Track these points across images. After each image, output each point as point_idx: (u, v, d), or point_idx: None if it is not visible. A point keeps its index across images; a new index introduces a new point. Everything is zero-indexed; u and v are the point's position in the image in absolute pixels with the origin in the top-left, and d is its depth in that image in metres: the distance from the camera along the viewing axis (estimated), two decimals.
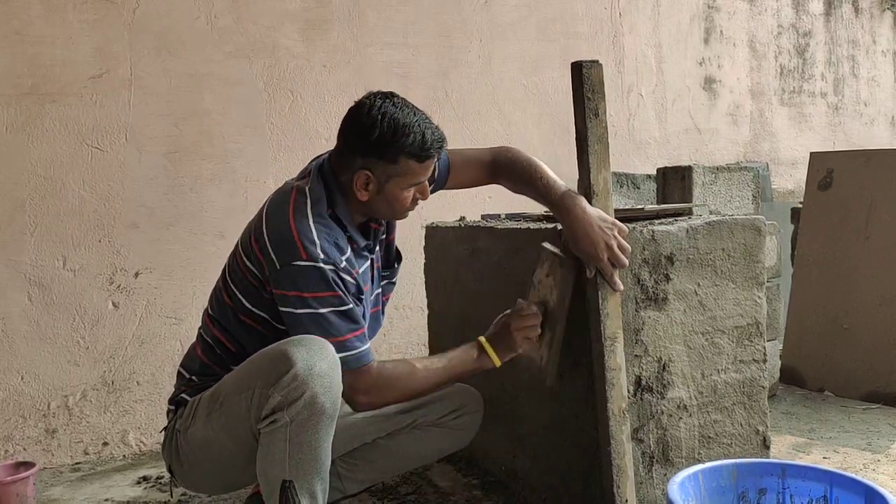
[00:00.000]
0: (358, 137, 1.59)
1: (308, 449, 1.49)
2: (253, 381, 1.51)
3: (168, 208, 2.80)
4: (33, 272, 2.61)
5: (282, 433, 1.47)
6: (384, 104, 1.60)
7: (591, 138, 1.67)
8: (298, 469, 1.49)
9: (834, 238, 3.15)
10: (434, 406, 1.90)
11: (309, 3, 3.06)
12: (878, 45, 5.12)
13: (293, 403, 1.45)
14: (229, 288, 1.69)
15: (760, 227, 1.91)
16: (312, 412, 1.46)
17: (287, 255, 1.54)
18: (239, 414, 1.54)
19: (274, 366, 1.48)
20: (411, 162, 1.59)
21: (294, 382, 1.45)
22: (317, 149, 3.02)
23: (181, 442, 1.67)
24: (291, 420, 1.46)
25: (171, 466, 1.73)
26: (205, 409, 1.62)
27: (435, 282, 2.52)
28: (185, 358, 1.79)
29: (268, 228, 1.59)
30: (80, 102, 2.67)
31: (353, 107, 1.63)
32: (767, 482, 1.56)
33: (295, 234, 1.55)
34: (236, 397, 1.54)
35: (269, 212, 1.64)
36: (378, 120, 1.57)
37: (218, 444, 1.61)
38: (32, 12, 2.59)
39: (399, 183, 1.61)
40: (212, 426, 1.59)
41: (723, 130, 4.41)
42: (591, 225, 1.60)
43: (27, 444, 2.62)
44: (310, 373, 1.45)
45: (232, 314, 1.68)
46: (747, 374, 1.92)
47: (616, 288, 1.64)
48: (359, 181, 1.60)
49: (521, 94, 3.58)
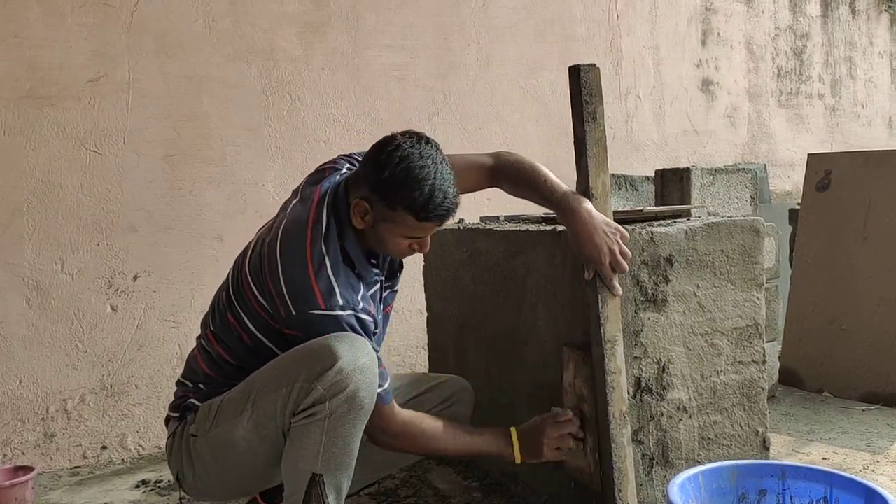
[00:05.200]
0: (370, 169, 1.56)
1: (342, 443, 1.49)
2: (293, 375, 1.50)
3: (166, 211, 2.80)
4: (31, 276, 2.61)
5: (319, 426, 1.48)
6: (410, 150, 1.53)
7: (589, 142, 1.67)
8: (330, 463, 1.49)
9: (832, 239, 3.15)
10: (426, 397, 1.90)
11: (307, 6, 3.07)
12: (876, 47, 5.14)
13: (335, 396, 1.46)
14: (235, 310, 1.65)
15: (759, 228, 1.92)
16: (352, 406, 1.47)
17: (303, 304, 1.51)
18: (273, 411, 1.52)
19: (318, 359, 1.47)
20: (408, 216, 1.54)
21: (339, 376, 1.45)
22: (315, 151, 3.04)
23: (197, 445, 1.63)
24: (331, 413, 1.46)
25: (180, 474, 1.68)
26: (233, 408, 1.58)
27: (434, 284, 2.52)
28: (186, 369, 1.75)
29: (283, 269, 1.54)
30: (79, 105, 2.67)
31: (386, 138, 1.59)
32: (767, 483, 1.56)
33: (314, 283, 1.52)
34: (272, 393, 1.52)
35: (284, 246, 1.57)
36: (395, 162, 1.52)
37: (244, 444, 1.57)
38: (31, 15, 2.59)
39: (392, 230, 1.58)
40: (241, 424, 1.56)
41: (720, 132, 4.42)
42: (596, 228, 1.60)
43: (26, 448, 2.61)
44: (354, 367, 1.46)
45: (237, 335, 1.65)
46: (746, 376, 1.92)
47: (615, 292, 1.64)
48: (357, 208, 1.58)
49: (519, 97, 3.58)
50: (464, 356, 2.35)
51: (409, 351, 3.26)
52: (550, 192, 1.68)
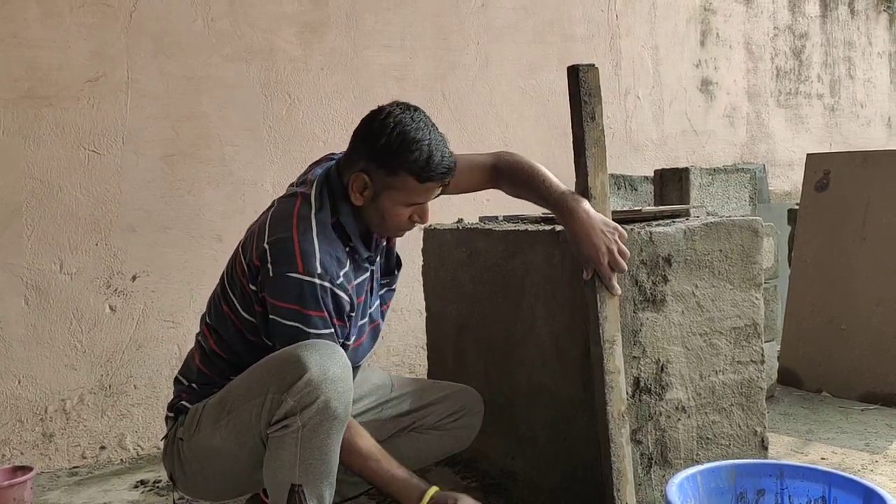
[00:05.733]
0: (365, 140, 1.58)
1: (319, 453, 1.48)
2: (264, 386, 1.49)
3: (165, 211, 2.80)
4: (30, 276, 2.61)
5: (293, 438, 1.46)
6: (402, 115, 1.57)
7: (587, 141, 1.67)
8: (308, 473, 1.48)
9: (831, 239, 3.16)
10: (434, 408, 1.89)
11: (306, 6, 3.06)
12: (875, 47, 5.14)
13: (306, 408, 1.44)
14: (228, 297, 1.66)
15: (758, 228, 1.92)
16: (325, 417, 1.45)
17: (283, 265, 1.52)
18: (249, 420, 1.52)
19: (287, 370, 1.46)
20: (410, 179, 1.55)
21: (308, 387, 1.44)
22: (314, 151, 3.02)
23: (184, 450, 1.65)
24: (304, 425, 1.45)
25: (174, 474, 1.71)
26: (211, 416, 1.59)
27: (433, 284, 2.52)
28: (184, 366, 1.77)
29: (270, 235, 1.57)
30: (77, 106, 2.67)
31: (373, 111, 1.61)
32: (766, 483, 1.56)
33: (296, 244, 1.53)
34: (246, 403, 1.52)
35: (273, 219, 1.61)
36: (389, 128, 1.54)
37: (225, 451, 1.58)
38: (29, 15, 2.59)
39: (393, 197, 1.58)
40: (220, 433, 1.57)
41: (719, 132, 4.42)
42: (594, 228, 1.61)
43: (24, 449, 2.61)
44: (324, 377, 1.44)
45: (231, 324, 1.66)
46: (745, 375, 1.92)
47: (614, 292, 1.65)
48: (356, 183, 1.58)
49: (518, 97, 3.58)
50: (462, 356, 2.35)
51: (407, 351, 3.26)
52: (548, 191, 1.68)
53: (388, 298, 1.83)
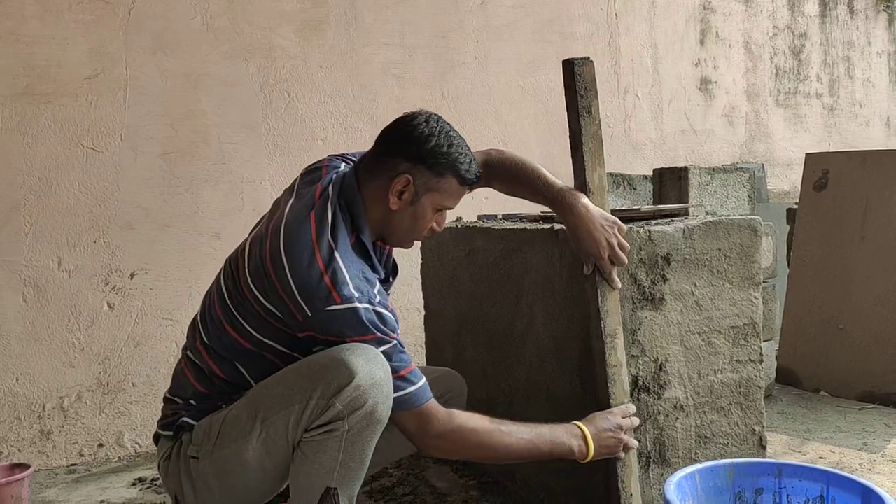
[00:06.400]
0: (410, 143, 1.55)
1: (360, 457, 1.47)
2: (306, 391, 1.45)
3: (164, 209, 2.80)
4: (28, 273, 2.60)
5: (336, 442, 1.44)
6: (440, 121, 1.60)
7: (584, 136, 1.67)
8: (345, 477, 1.47)
9: (829, 239, 3.16)
10: None
11: (305, 4, 3.06)
12: (874, 47, 5.14)
13: (354, 412, 1.42)
14: (235, 321, 1.57)
15: (756, 227, 1.92)
16: (371, 421, 1.44)
17: (318, 302, 1.45)
18: (285, 428, 1.47)
19: (334, 375, 1.43)
20: (454, 181, 1.57)
21: (357, 392, 1.41)
22: (313, 149, 3.03)
23: (200, 467, 1.56)
24: (350, 429, 1.43)
25: (179, 495, 1.62)
26: (239, 428, 1.52)
27: (431, 282, 2.52)
28: (175, 384, 1.66)
29: (291, 268, 1.46)
30: (76, 103, 2.66)
31: (407, 115, 1.60)
32: (764, 482, 1.56)
33: (325, 276, 1.45)
34: (283, 411, 1.47)
35: (288, 244, 1.49)
36: (437, 131, 1.56)
37: (255, 463, 1.52)
38: (27, 12, 2.59)
39: (434, 199, 1.58)
40: (251, 445, 1.50)
41: (719, 131, 4.43)
42: (594, 222, 1.60)
43: (22, 446, 2.61)
44: (372, 382, 1.42)
45: (239, 346, 1.58)
46: (743, 375, 1.92)
47: (615, 286, 1.65)
48: (397, 185, 1.55)
49: (517, 95, 3.58)
50: (461, 354, 2.35)
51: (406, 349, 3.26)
52: (545, 187, 1.68)
53: None
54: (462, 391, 1.95)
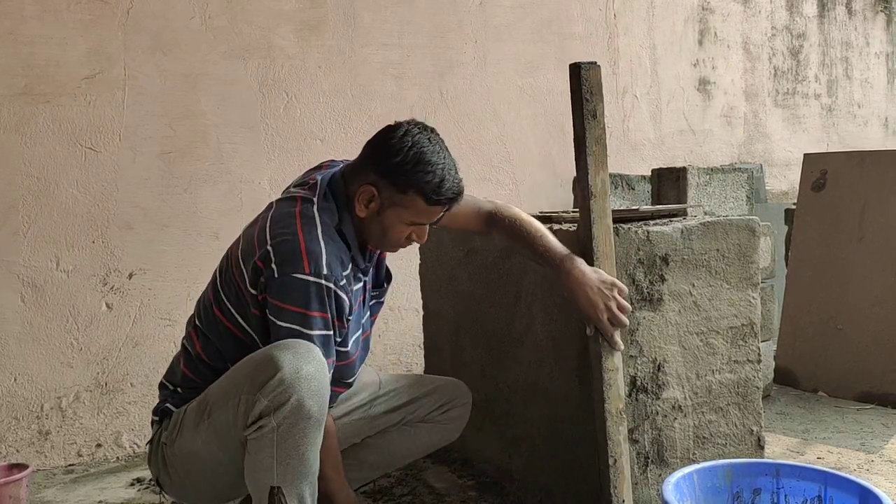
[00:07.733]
0: (379, 155, 1.57)
1: (295, 454, 1.46)
2: (239, 387, 1.49)
3: (162, 209, 2.79)
4: (26, 273, 2.60)
5: (269, 439, 1.45)
6: (419, 135, 1.57)
7: (588, 140, 1.67)
8: (286, 475, 1.47)
9: (828, 239, 3.16)
10: (423, 402, 1.90)
11: (304, 4, 3.06)
12: (872, 47, 5.15)
13: (279, 408, 1.43)
14: (221, 301, 1.64)
15: (755, 227, 1.92)
16: (299, 417, 1.44)
17: (289, 265, 1.50)
18: (227, 423, 1.51)
19: (260, 370, 1.46)
20: (419, 199, 1.56)
21: (280, 387, 1.42)
22: (312, 150, 3.03)
23: (168, 454, 1.63)
24: (278, 425, 1.44)
25: (159, 479, 1.70)
26: (192, 419, 1.58)
27: (430, 283, 2.52)
28: (169, 370, 1.75)
29: (272, 236, 1.54)
30: (74, 103, 2.66)
31: (390, 126, 1.61)
32: (762, 482, 1.56)
33: (302, 243, 1.51)
34: (224, 406, 1.51)
35: (274, 219, 1.58)
36: (406, 147, 1.55)
37: (208, 455, 1.57)
38: (26, 12, 2.58)
39: (399, 214, 1.59)
40: (200, 437, 1.56)
41: (717, 132, 4.43)
42: (591, 287, 1.61)
43: (20, 446, 2.60)
44: (297, 376, 1.43)
45: (222, 328, 1.63)
46: (742, 375, 1.92)
47: (616, 348, 1.65)
48: (363, 195, 1.58)
49: (516, 95, 3.58)
50: (460, 355, 2.35)
51: (405, 349, 3.26)
52: (546, 251, 1.69)
53: (377, 311, 1.83)
54: (466, 401, 1.96)
